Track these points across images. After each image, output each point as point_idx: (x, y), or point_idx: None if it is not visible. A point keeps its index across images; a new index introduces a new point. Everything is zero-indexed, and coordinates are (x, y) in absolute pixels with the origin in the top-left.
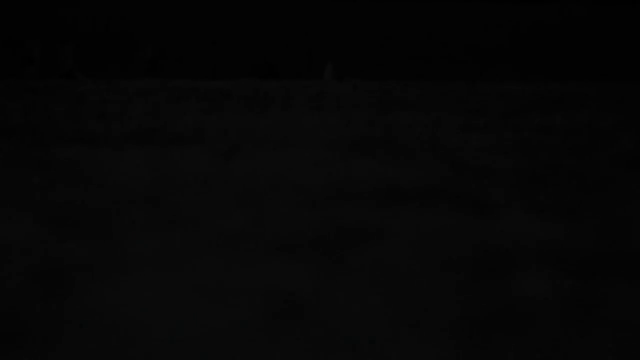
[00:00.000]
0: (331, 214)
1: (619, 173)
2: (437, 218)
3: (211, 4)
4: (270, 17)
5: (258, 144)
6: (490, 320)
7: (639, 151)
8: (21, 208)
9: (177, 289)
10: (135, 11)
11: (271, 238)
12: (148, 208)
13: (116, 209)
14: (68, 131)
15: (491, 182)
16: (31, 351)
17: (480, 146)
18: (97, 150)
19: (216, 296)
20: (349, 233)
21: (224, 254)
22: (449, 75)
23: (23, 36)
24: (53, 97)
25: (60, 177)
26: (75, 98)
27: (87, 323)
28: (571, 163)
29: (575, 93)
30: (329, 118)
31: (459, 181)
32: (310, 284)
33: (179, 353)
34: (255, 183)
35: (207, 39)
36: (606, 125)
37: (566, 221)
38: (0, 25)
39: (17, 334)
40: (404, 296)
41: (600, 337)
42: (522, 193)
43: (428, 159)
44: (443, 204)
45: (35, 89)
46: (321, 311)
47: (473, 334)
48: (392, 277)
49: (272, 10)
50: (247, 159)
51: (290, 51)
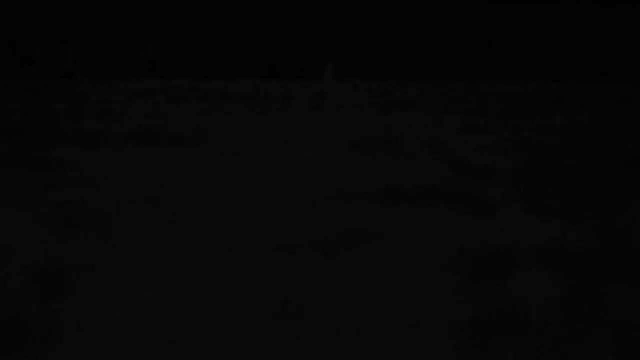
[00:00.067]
0: (331, 214)
1: (619, 173)
2: (437, 218)
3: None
4: (270, 17)
5: (258, 144)
6: (490, 320)
7: (639, 151)
8: (21, 208)
9: (177, 289)
10: (135, 11)
11: (271, 238)
12: (148, 208)
13: (116, 209)
14: (68, 131)
15: (491, 182)
16: (31, 351)
17: (480, 146)
18: (97, 150)
19: (216, 296)
20: (349, 233)
21: (224, 254)
22: (449, 75)
23: (23, 36)
24: (53, 97)
25: (60, 177)
26: (75, 98)
27: (87, 323)
28: (571, 163)
29: (575, 93)
30: (329, 118)
31: (459, 181)
32: (310, 284)
33: (179, 353)
34: (255, 183)
35: (207, 39)
36: (606, 125)
37: (566, 221)
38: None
39: (17, 334)
40: (404, 296)
41: (600, 337)
42: (522, 193)
43: (428, 159)
44: (443, 204)
45: (35, 89)
46: (321, 311)
47: (473, 334)
48: (392, 277)
49: (272, 10)
50: (247, 159)
51: (290, 51)
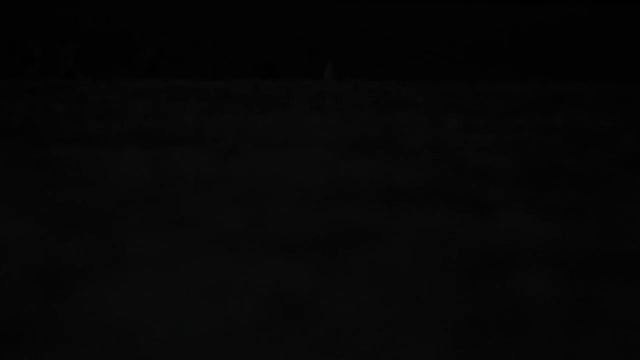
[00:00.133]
0: (331, 214)
1: (619, 173)
2: (437, 218)
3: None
4: (270, 17)
5: (258, 144)
6: (490, 320)
7: (639, 151)
8: (21, 208)
9: (177, 289)
10: (135, 11)
11: (271, 238)
12: (148, 208)
13: (116, 209)
14: (68, 131)
15: (491, 182)
16: (31, 351)
17: (480, 146)
18: (97, 150)
19: (216, 296)
20: (349, 233)
21: (224, 254)
22: (449, 75)
23: (23, 36)
24: (53, 97)
25: (60, 177)
26: (75, 98)
27: (87, 323)
28: (571, 163)
29: (575, 93)
30: (329, 118)
31: (459, 181)
32: (310, 284)
33: (179, 353)
34: (255, 183)
35: (207, 39)
36: (606, 125)
37: (566, 221)
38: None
39: (17, 334)
40: (404, 296)
41: (600, 337)
42: (522, 193)
43: (428, 159)
44: (443, 204)
45: (35, 89)
46: (321, 311)
47: (473, 334)
48: (392, 277)
49: (272, 10)
50: (247, 159)
51: (290, 51)
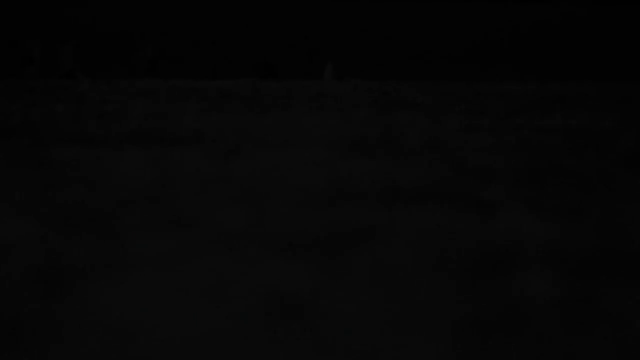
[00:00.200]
0: (331, 214)
1: (619, 173)
2: (437, 218)
3: (211, 4)
4: (270, 17)
5: (258, 144)
6: (490, 320)
7: (639, 151)
8: (21, 208)
9: (177, 289)
10: (135, 11)
11: (271, 238)
12: (148, 208)
13: (116, 209)
14: (68, 131)
15: (491, 182)
16: (31, 351)
17: (480, 146)
18: (97, 150)
19: (216, 296)
20: (349, 233)
21: (224, 254)
22: (449, 75)
23: (23, 36)
24: (53, 97)
25: (60, 177)
26: (75, 98)
27: (87, 323)
28: (571, 163)
29: (575, 93)
30: (329, 118)
31: (459, 181)
32: (310, 284)
33: (180, 353)
34: (255, 183)
35: (207, 39)
36: (606, 125)
37: (566, 221)
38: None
39: (17, 334)
40: (404, 296)
41: (600, 337)
42: (522, 193)
43: (428, 159)
44: (443, 204)
45: (35, 89)
46: (321, 311)
47: (473, 334)
48: (392, 277)
49: (273, 10)
50: (247, 159)
51: (290, 51)
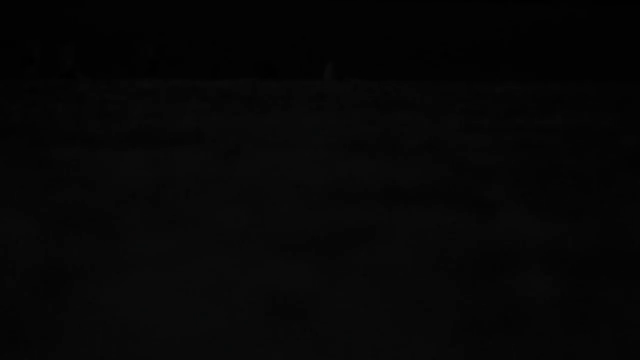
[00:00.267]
0: (331, 214)
1: (619, 173)
2: (437, 218)
3: (211, 4)
4: (270, 17)
5: (258, 144)
6: (490, 320)
7: (639, 151)
8: (21, 208)
9: (178, 289)
10: (135, 11)
11: (271, 238)
12: (148, 208)
13: (116, 209)
14: (68, 131)
15: (491, 182)
16: (31, 351)
17: (480, 146)
18: (97, 150)
19: (216, 296)
20: (349, 233)
21: (224, 254)
22: (449, 75)
23: (23, 36)
24: (53, 97)
25: (60, 177)
26: (75, 98)
27: (87, 323)
28: (571, 163)
29: (575, 93)
30: (329, 118)
31: (459, 181)
32: (310, 284)
33: (180, 353)
34: (255, 183)
35: (207, 39)
36: (606, 125)
37: (566, 221)
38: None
39: (17, 334)
40: (405, 296)
41: (600, 337)
42: (522, 193)
43: (428, 159)
44: (443, 204)
45: (35, 89)
46: (322, 311)
47: (473, 334)
48: (393, 277)
49: (272, 10)
50: (247, 159)
51: (290, 51)
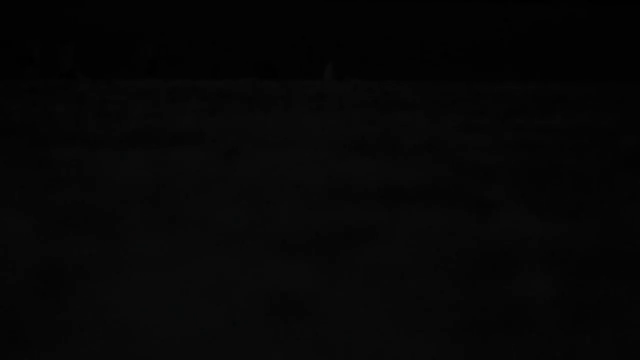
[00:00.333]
0: (331, 214)
1: (619, 173)
2: (437, 218)
3: (211, 4)
4: (270, 17)
5: (258, 144)
6: (490, 320)
7: (639, 151)
8: (21, 208)
9: (178, 289)
10: (135, 11)
11: (272, 238)
12: (148, 208)
13: (116, 209)
14: (68, 131)
15: (491, 182)
16: (31, 351)
17: (480, 146)
18: (97, 150)
19: (217, 296)
20: (350, 233)
21: (225, 254)
22: (449, 75)
23: (23, 36)
24: (53, 97)
25: (60, 177)
26: (75, 98)
27: (87, 323)
28: (571, 163)
29: (575, 93)
30: (329, 118)
31: (459, 181)
32: (310, 284)
33: (180, 353)
34: (255, 183)
35: (207, 39)
36: (606, 125)
37: (566, 221)
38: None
39: (17, 334)
40: (404, 296)
41: (600, 337)
42: (522, 193)
43: (428, 159)
44: (443, 204)
45: (35, 89)
46: (322, 311)
47: (473, 334)
48: (393, 277)
49: (272, 10)
50: (248, 159)
51: (290, 51)
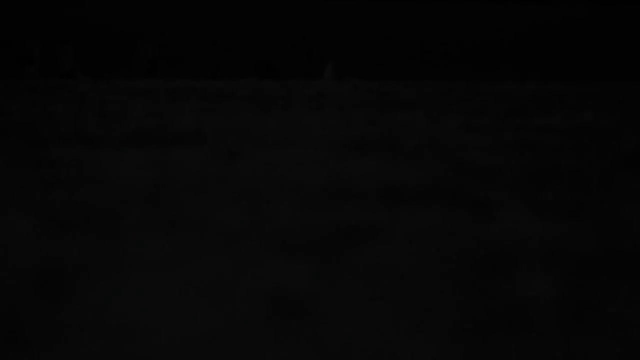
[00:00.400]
0: (331, 214)
1: (619, 173)
2: (437, 218)
3: (211, 4)
4: (270, 17)
5: (258, 144)
6: (490, 320)
7: (639, 151)
8: (21, 208)
9: (178, 289)
10: (135, 11)
11: (272, 238)
12: (148, 208)
13: (116, 209)
14: (68, 131)
15: (491, 182)
16: (31, 351)
17: (480, 146)
18: (97, 150)
19: (216, 296)
20: (350, 233)
21: (224, 254)
22: (449, 75)
23: (23, 36)
24: (53, 97)
25: (60, 177)
26: (75, 98)
27: (87, 323)
28: (571, 163)
29: (575, 93)
30: (329, 118)
31: (459, 181)
32: (310, 284)
33: (180, 353)
34: (255, 183)
35: (207, 39)
36: (606, 125)
37: (566, 221)
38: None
39: (17, 334)
40: (405, 296)
41: (601, 337)
42: (522, 193)
43: (428, 159)
44: (443, 204)
45: (35, 89)
46: (322, 311)
47: (473, 334)
48: (393, 277)
49: (272, 10)
50: (248, 159)
51: (290, 51)
